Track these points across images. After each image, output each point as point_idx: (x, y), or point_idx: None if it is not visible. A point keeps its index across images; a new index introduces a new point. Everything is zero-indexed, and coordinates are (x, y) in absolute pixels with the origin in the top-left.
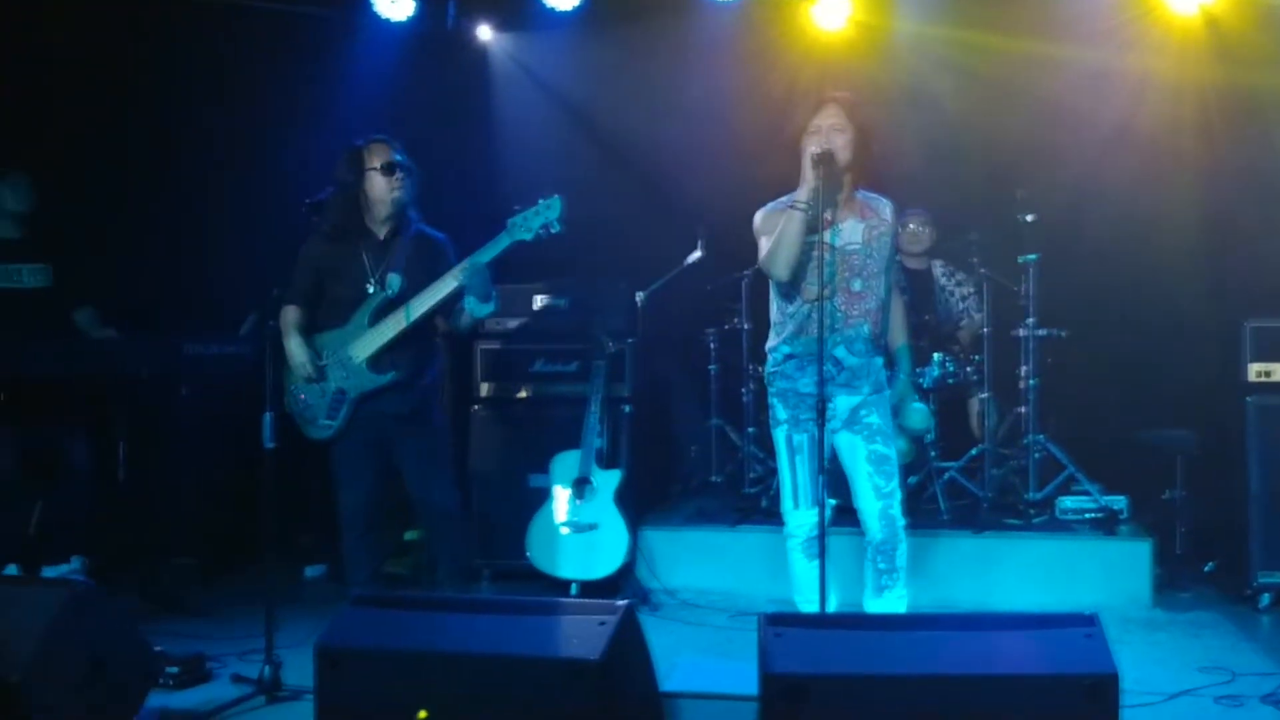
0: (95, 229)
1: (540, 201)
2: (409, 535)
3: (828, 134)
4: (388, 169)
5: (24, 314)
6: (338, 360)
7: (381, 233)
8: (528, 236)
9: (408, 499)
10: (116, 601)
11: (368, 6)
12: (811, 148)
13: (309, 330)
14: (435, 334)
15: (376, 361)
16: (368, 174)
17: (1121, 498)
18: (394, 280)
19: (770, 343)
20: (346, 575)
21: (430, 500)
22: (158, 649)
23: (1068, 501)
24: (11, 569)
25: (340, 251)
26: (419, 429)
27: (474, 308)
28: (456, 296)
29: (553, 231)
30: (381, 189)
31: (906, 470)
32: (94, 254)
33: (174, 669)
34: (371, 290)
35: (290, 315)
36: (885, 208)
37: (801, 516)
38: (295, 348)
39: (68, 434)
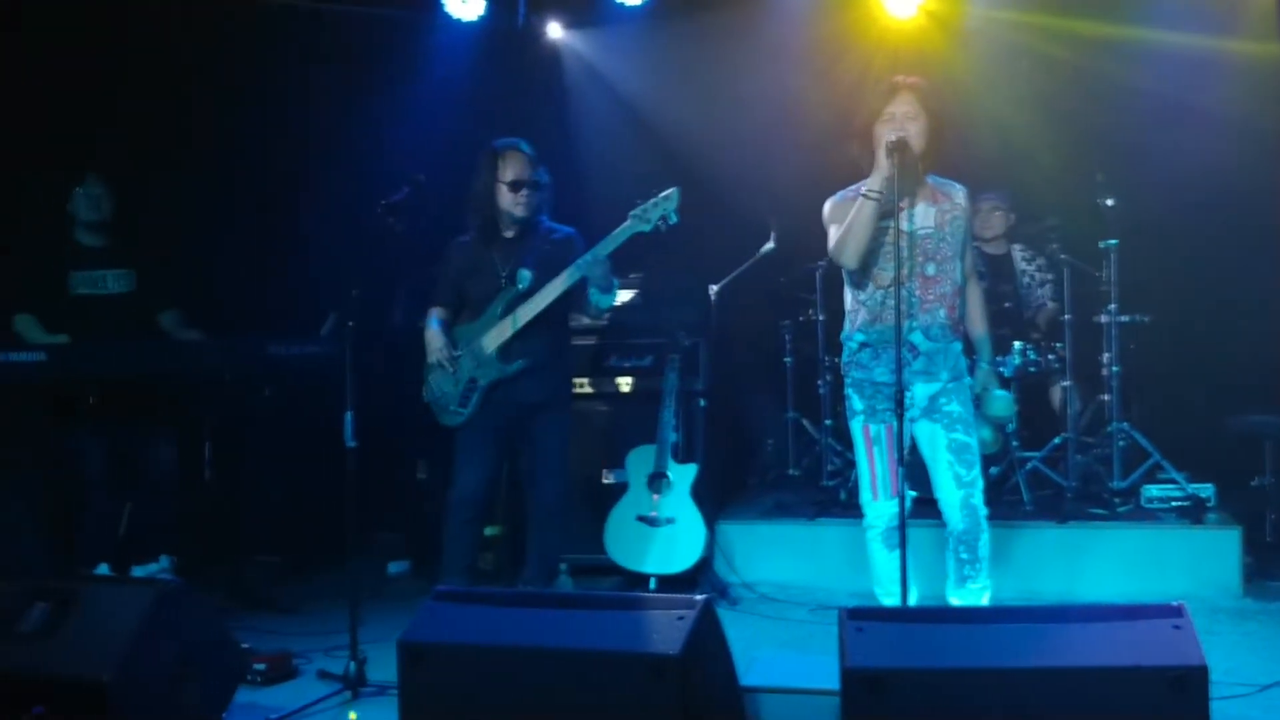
0: (175, 233)
1: (659, 194)
2: (489, 530)
3: (901, 121)
4: (514, 186)
5: (110, 319)
6: (470, 351)
7: (510, 232)
8: (646, 228)
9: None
10: (204, 599)
11: (439, 7)
12: (887, 136)
13: (452, 326)
14: (567, 325)
15: (506, 352)
16: (497, 185)
17: (1208, 485)
18: (524, 275)
19: (845, 332)
20: (444, 562)
21: (539, 491)
22: (245, 646)
23: (1153, 490)
24: (103, 568)
25: (476, 251)
26: (548, 418)
27: (597, 298)
28: (581, 288)
29: (670, 223)
30: (507, 201)
31: (989, 460)
32: (175, 258)
33: (261, 666)
34: (503, 286)
35: (433, 312)
36: (958, 192)
37: (881, 508)
38: (430, 337)
39: (154, 436)
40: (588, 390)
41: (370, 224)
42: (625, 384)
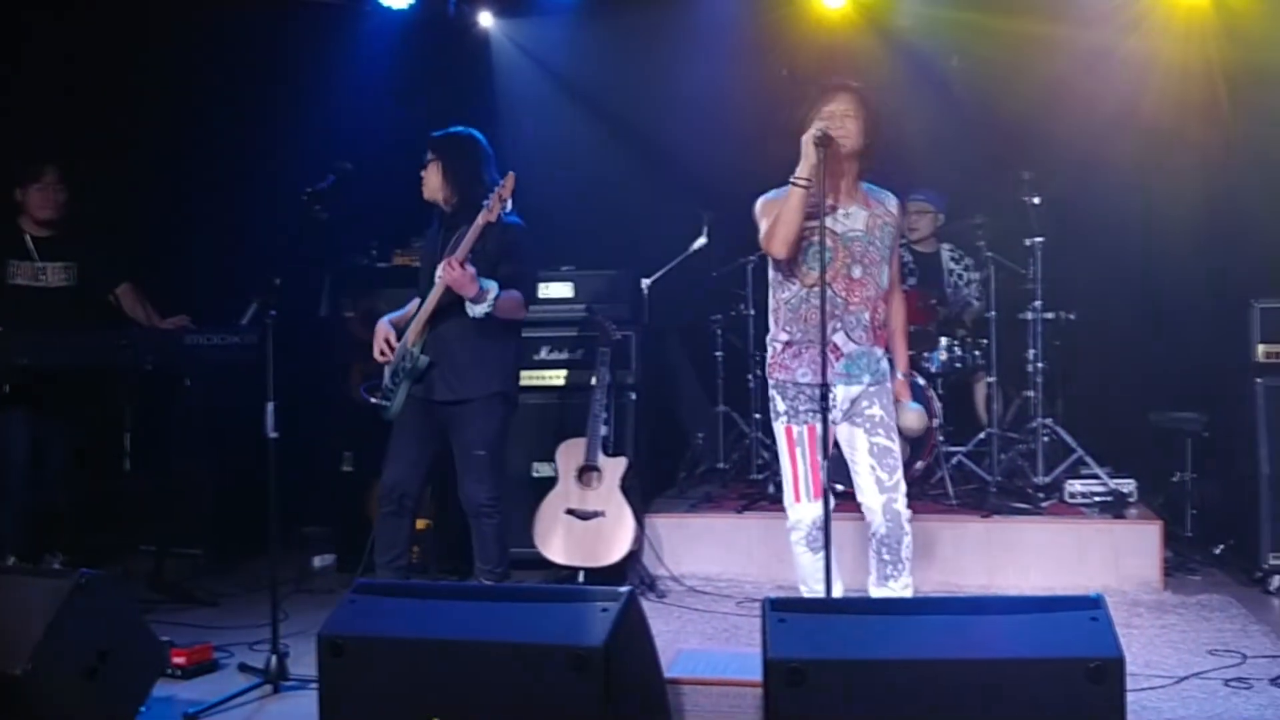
0: (118, 226)
1: (500, 183)
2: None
3: (840, 119)
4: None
5: (46, 312)
6: (402, 344)
7: (452, 223)
8: (493, 219)
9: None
10: (121, 591)
11: None
12: (812, 130)
13: None
14: (500, 324)
15: (425, 347)
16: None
17: (1130, 481)
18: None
19: (770, 334)
20: (375, 555)
21: (459, 489)
22: (164, 639)
23: (1076, 485)
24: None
25: (429, 241)
26: (465, 416)
27: (468, 307)
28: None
29: (508, 209)
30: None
31: (913, 447)
32: (119, 252)
33: (180, 659)
34: (437, 276)
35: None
36: (891, 201)
37: (804, 510)
38: (376, 328)
39: (52, 428)
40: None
41: (295, 212)
42: (556, 377)
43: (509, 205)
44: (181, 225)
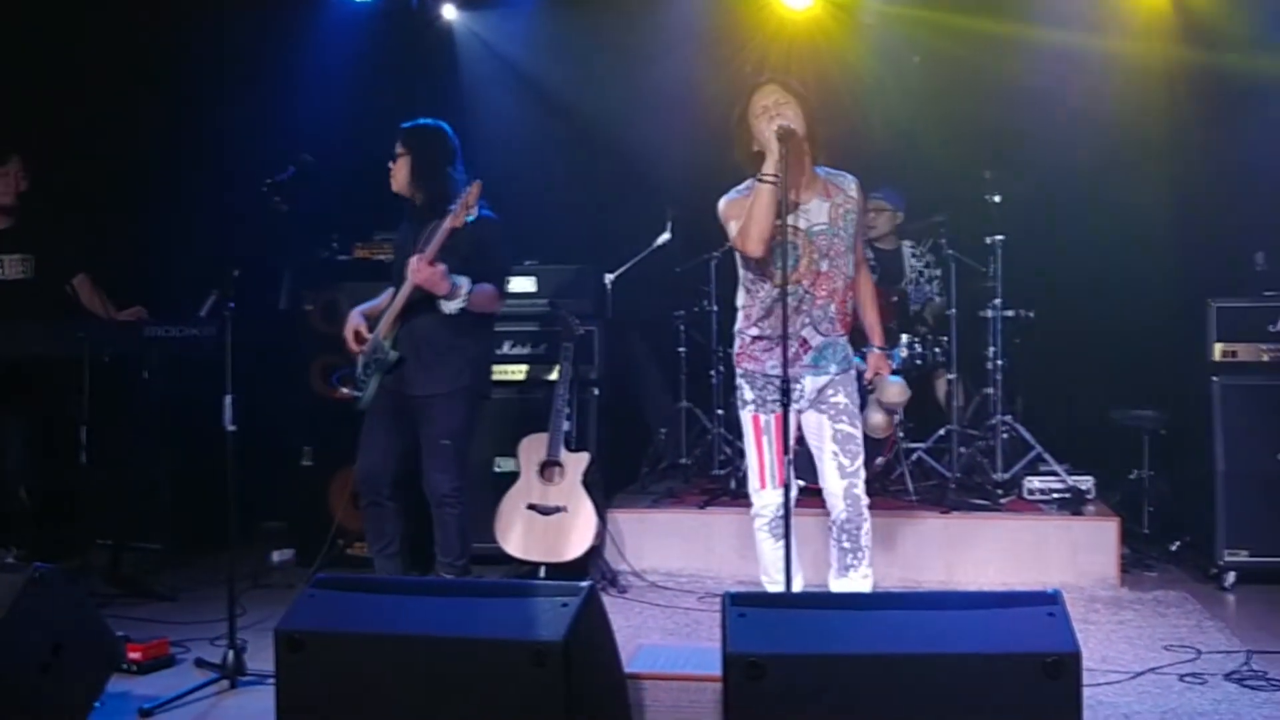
0: (77, 217)
1: (467, 189)
2: None
3: (775, 109)
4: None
5: (4, 304)
6: (375, 335)
7: (424, 217)
8: (459, 225)
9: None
10: (76, 585)
11: None
12: (775, 124)
13: None
14: (470, 319)
15: (395, 340)
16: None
17: (1088, 477)
18: (414, 262)
19: (738, 325)
20: (368, 548)
21: (424, 482)
22: (120, 634)
23: (1035, 481)
24: None
25: (403, 234)
26: (431, 409)
27: (439, 303)
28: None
29: (474, 217)
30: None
31: (875, 445)
32: (72, 242)
33: (136, 654)
34: (409, 271)
35: (384, 296)
36: (850, 184)
37: (768, 496)
38: (347, 318)
39: (8, 421)
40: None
41: (255, 204)
42: (518, 371)
43: (474, 213)
44: (140, 216)
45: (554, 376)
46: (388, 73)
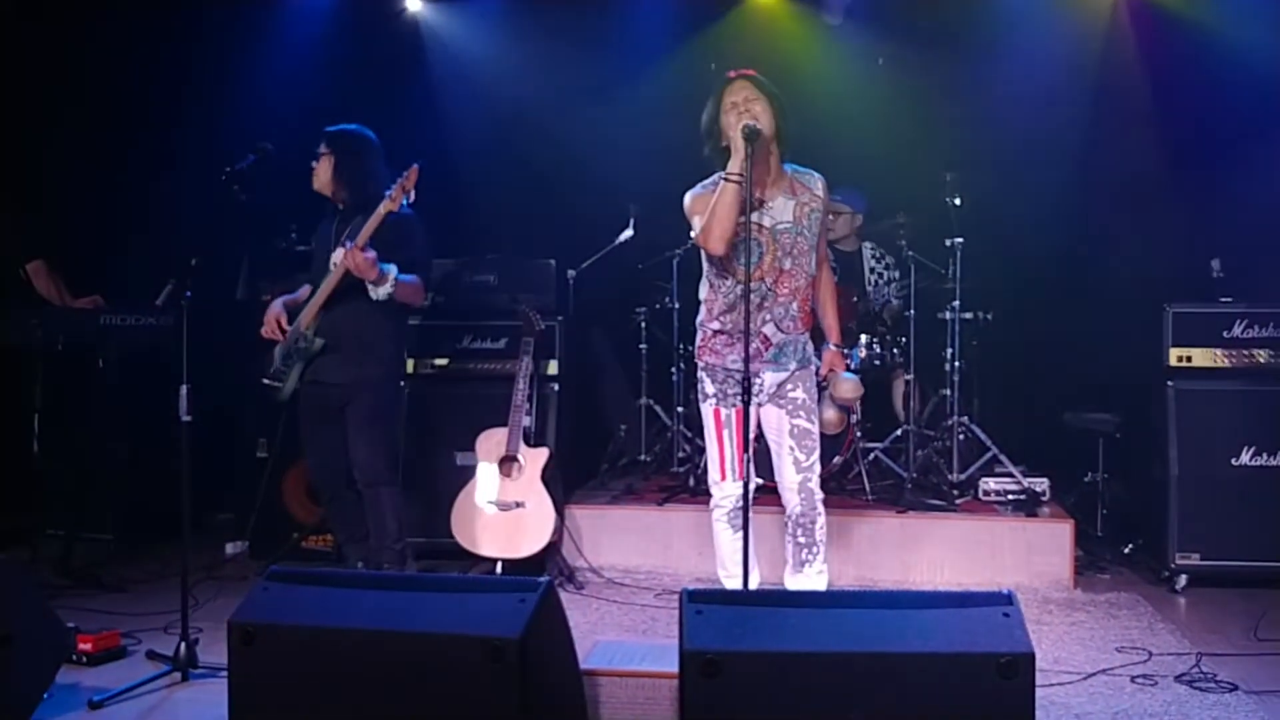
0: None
1: (404, 173)
2: None
3: (745, 105)
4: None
5: None
6: (296, 325)
7: (344, 208)
8: (395, 208)
9: None
10: (24, 575)
11: None
12: (742, 123)
13: None
14: (390, 309)
15: (318, 330)
16: None
17: (1043, 480)
18: (338, 254)
19: (699, 318)
20: (337, 539)
21: (356, 466)
22: (70, 625)
23: (990, 483)
24: None
25: (323, 227)
26: (353, 399)
27: (370, 290)
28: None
29: (411, 200)
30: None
31: (832, 442)
32: (27, 228)
33: (86, 645)
34: (333, 264)
35: (302, 291)
36: (817, 182)
37: (728, 488)
38: (268, 309)
39: None
40: (440, 371)
41: (214, 192)
42: (479, 366)
43: (412, 196)
44: (97, 203)
45: (515, 371)
46: (351, 64)
